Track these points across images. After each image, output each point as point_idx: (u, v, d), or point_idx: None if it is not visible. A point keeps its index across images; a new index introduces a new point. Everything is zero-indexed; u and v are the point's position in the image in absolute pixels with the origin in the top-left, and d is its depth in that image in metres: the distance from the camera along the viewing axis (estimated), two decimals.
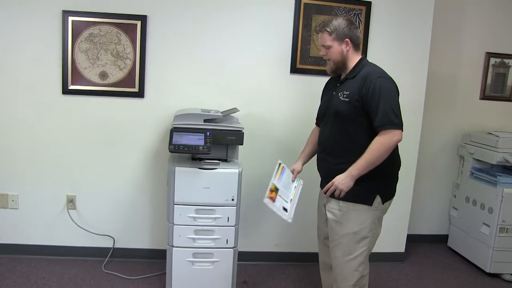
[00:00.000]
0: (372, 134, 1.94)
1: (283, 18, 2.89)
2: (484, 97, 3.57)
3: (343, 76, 2.11)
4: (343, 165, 1.98)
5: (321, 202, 2.25)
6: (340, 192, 1.98)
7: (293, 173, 2.27)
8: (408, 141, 3.01)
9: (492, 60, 3.52)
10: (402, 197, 3.12)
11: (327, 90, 2.25)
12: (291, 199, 2.17)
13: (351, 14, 2.90)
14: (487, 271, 3.11)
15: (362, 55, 2.11)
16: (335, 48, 2.05)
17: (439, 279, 3.08)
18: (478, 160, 3.33)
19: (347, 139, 2.02)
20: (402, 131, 1.93)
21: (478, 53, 3.50)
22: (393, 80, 2.00)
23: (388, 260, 3.24)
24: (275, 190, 2.12)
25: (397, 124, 1.91)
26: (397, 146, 1.98)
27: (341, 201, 2.04)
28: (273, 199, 2.08)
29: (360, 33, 2.15)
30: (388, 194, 2.09)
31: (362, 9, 2.92)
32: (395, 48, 2.99)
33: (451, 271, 3.21)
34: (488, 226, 3.11)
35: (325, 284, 2.39)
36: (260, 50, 2.90)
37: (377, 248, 3.06)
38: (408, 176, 3.14)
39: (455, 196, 3.57)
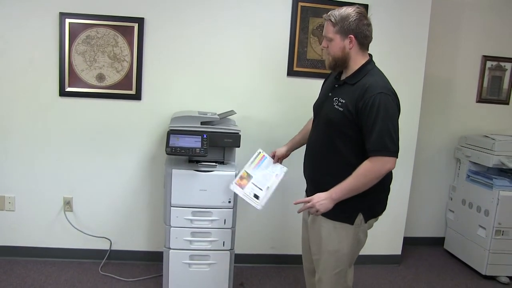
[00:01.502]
0: (360, 150, 1.77)
1: (280, 21, 2.90)
2: (480, 100, 3.58)
3: (343, 77, 1.89)
4: (325, 177, 1.86)
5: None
6: (317, 211, 1.80)
7: (273, 158, 2.27)
8: (405, 143, 3.01)
9: (489, 63, 3.53)
10: (399, 200, 3.14)
11: (326, 85, 2.05)
12: (267, 187, 2.17)
13: None
14: (483, 273, 3.12)
15: (369, 56, 1.88)
16: (336, 43, 1.82)
17: (435, 281, 3.08)
18: (474, 163, 3.34)
19: (333, 151, 1.85)
20: (397, 157, 1.74)
21: (475, 56, 3.52)
22: (396, 96, 1.80)
23: (384, 263, 3.25)
24: (247, 177, 2.15)
25: (392, 151, 1.72)
26: None
27: (321, 218, 1.89)
28: (242, 186, 2.14)
29: (371, 31, 1.85)
30: (372, 212, 1.92)
31: None
32: (392, 51, 3.00)
33: (447, 273, 3.22)
34: (484, 228, 3.12)
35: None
36: (257, 52, 2.91)
37: (373, 251, 3.11)
38: (404, 179, 3.16)
39: (451, 199, 3.58)
